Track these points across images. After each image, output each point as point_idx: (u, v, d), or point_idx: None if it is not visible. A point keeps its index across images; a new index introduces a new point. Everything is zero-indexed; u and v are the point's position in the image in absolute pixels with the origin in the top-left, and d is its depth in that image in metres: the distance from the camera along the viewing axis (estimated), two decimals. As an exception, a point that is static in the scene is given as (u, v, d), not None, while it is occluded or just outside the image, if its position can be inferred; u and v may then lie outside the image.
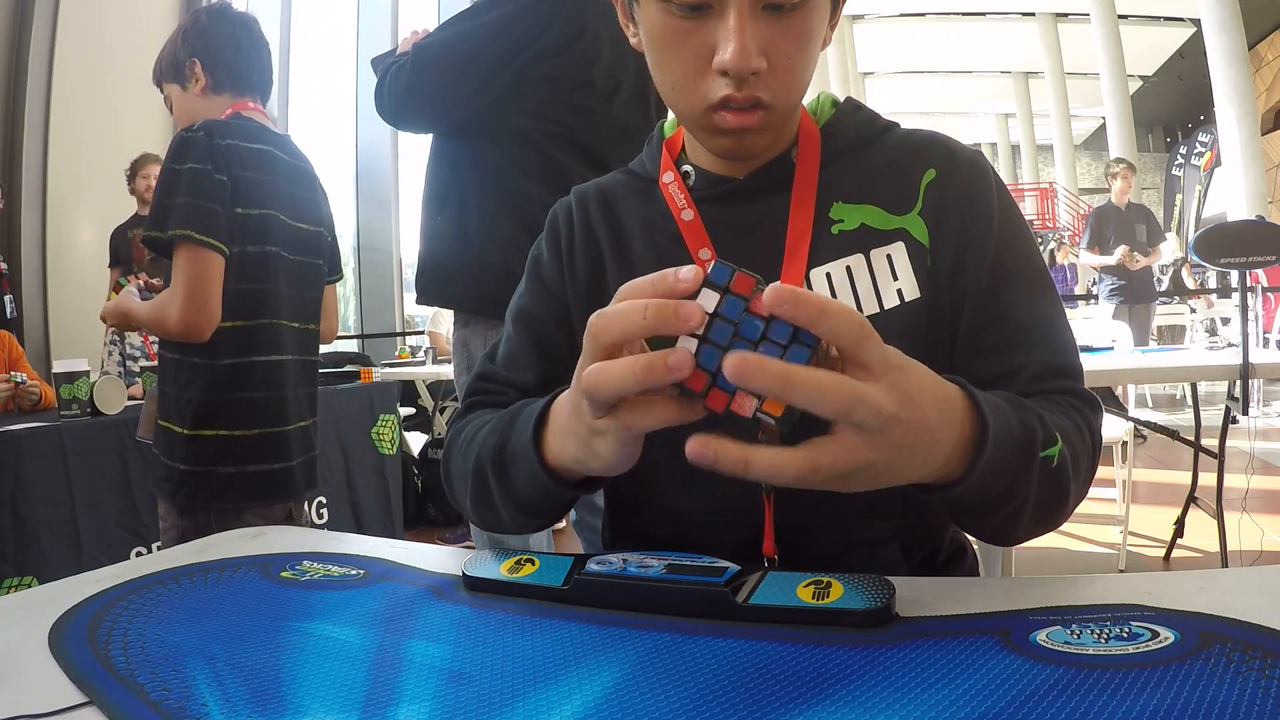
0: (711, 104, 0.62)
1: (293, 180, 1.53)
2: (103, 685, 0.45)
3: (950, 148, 0.71)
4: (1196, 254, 2.58)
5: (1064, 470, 0.56)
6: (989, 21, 14.82)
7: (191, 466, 1.41)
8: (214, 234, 1.34)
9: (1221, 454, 2.50)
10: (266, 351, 1.45)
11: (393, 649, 0.49)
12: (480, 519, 0.69)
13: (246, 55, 1.51)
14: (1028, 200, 15.85)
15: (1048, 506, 0.57)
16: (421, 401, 4.43)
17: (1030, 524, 0.58)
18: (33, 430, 2.02)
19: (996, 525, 0.58)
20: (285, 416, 1.49)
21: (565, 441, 0.54)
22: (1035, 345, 0.65)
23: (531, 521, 0.65)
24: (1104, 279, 4.97)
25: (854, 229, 0.68)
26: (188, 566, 0.67)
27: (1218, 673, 0.39)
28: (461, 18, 1.60)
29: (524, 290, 0.79)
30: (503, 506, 0.64)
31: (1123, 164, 5.05)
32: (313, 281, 1.60)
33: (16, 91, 4.81)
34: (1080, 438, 0.59)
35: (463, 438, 0.69)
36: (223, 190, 1.36)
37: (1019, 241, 0.68)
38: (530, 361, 0.74)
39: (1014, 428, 0.52)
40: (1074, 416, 0.61)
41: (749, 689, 0.41)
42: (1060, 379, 0.64)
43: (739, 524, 0.65)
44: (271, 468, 1.46)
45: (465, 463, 0.67)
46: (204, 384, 1.41)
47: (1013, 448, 0.51)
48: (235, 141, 1.40)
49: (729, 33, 0.58)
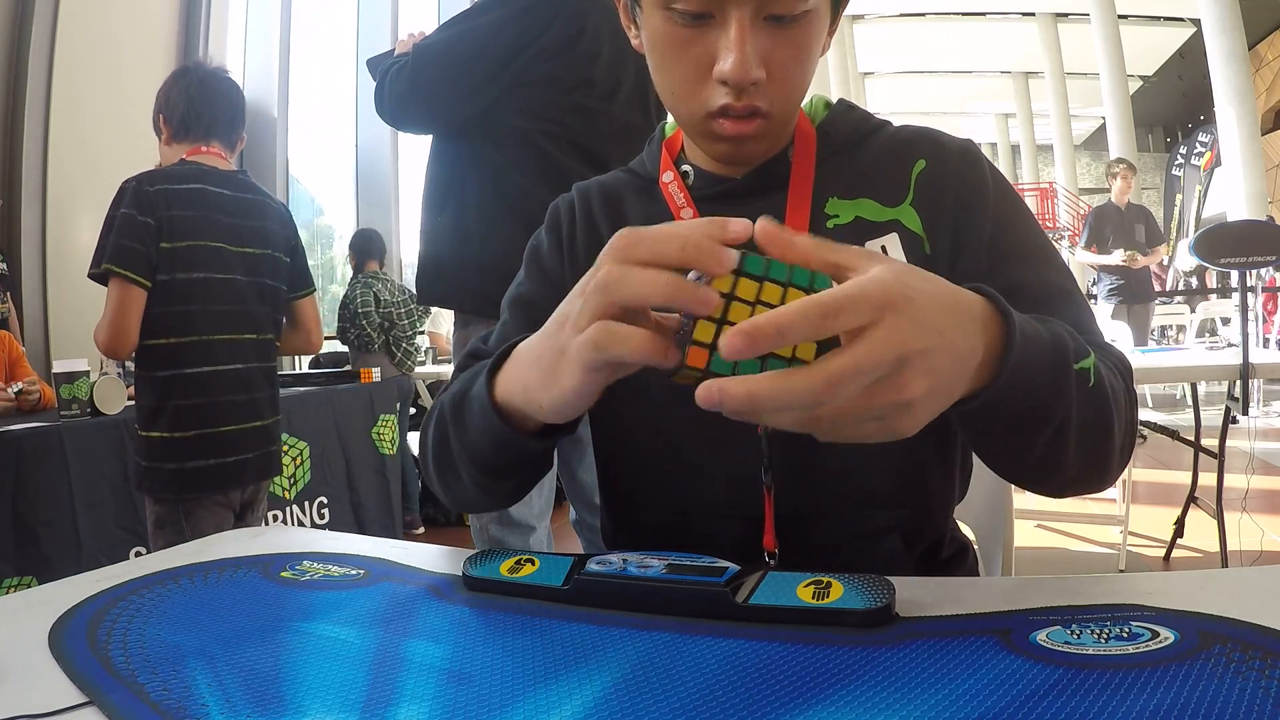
0: (711, 111, 0.63)
1: (235, 212, 1.75)
2: (103, 685, 0.45)
3: (939, 139, 0.72)
4: (1196, 254, 2.58)
5: (1103, 392, 0.53)
6: (989, 21, 14.82)
7: (148, 462, 1.68)
8: (136, 269, 1.60)
9: (1221, 454, 2.50)
10: (195, 364, 1.69)
11: (393, 649, 0.49)
12: (442, 485, 0.68)
13: (198, 107, 1.75)
14: (1028, 200, 15.81)
15: (1093, 437, 0.54)
16: (421, 401, 4.43)
17: (1079, 457, 0.54)
18: (33, 430, 2.02)
19: (1041, 454, 0.53)
20: (223, 419, 1.71)
21: (523, 371, 0.52)
22: (1049, 312, 0.62)
23: (491, 484, 0.63)
24: (1102, 279, 4.98)
25: (849, 223, 0.68)
26: (188, 566, 0.67)
27: (1218, 673, 0.39)
28: (461, 19, 1.60)
29: (522, 279, 0.79)
30: (460, 463, 0.62)
31: (1123, 164, 5.06)
32: (270, 298, 1.83)
33: (16, 91, 4.81)
34: (1114, 377, 0.57)
35: (436, 407, 0.68)
36: (146, 231, 1.61)
37: (1018, 219, 0.69)
38: None
39: (1041, 334, 0.50)
40: (1104, 358, 0.58)
41: (749, 689, 0.41)
42: (1084, 337, 0.63)
43: (739, 517, 0.65)
44: (209, 463, 1.69)
45: (433, 428, 0.66)
46: (148, 392, 1.69)
47: (1043, 353, 0.49)
48: (166, 186, 1.65)
49: (730, 43, 0.59)
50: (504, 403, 0.55)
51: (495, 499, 0.67)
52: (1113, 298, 4.87)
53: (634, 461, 0.73)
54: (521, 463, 0.61)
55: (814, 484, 0.64)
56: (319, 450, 2.80)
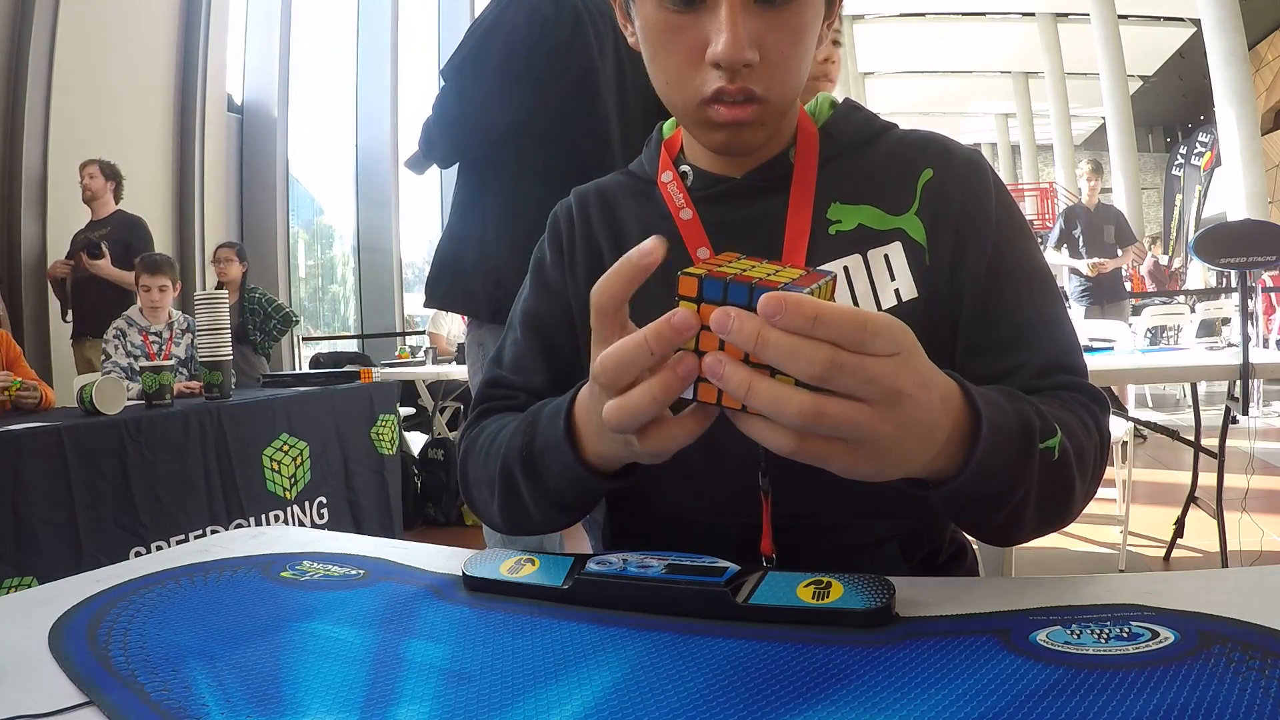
0: (705, 97, 0.62)
1: None
2: (103, 685, 0.45)
3: (948, 147, 0.71)
4: (1197, 254, 2.58)
5: (1066, 464, 0.55)
6: (989, 21, 14.82)
7: None
8: None
9: (1221, 454, 2.49)
10: None
11: (392, 649, 0.49)
12: (508, 522, 0.68)
13: None
14: (1028, 200, 15.84)
15: (1052, 502, 0.56)
16: (421, 401, 4.43)
17: (1035, 522, 0.57)
18: (33, 430, 2.02)
19: (1000, 524, 0.56)
20: None
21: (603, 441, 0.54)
22: (1036, 342, 0.64)
23: (563, 517, 0.65)
24: (1072, 279, 4.99)
25: (851, 229, 0.68)
26: (188, 566, 0.67)
27: (1218, 673, 0.39)
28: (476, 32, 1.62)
29: (528, 292, 0.79)
30: (533, 505, 0.63)
31: (1089, 165, 5.07)
32: None
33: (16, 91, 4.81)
34: (1085, 432, 0.59)
35: (480, 444, 0.69)
36: None
37: (1018, 239, 0.68)
38: (538, 365, 0.74)
39: (1009, 419, 0.51)
40: (1078, 412, 0.60)
41: (749, 689, 0.41)
42: (1063, 375, 0.63)
43: (738, 524, 0.65)
44: None
45: (488, 468, 0.66)
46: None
47: (1009, 439, 0.51)
48: None
49: (721, 25, 0.59)
50: (594, 460, 0.56)
51: (564, 525, 0.68)
52: (1084, 299, 4.88)
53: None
54: (600, 494, 0.62)
55: (812, 492, 0.63)
56: (318, 450, 2.80)
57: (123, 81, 5.23)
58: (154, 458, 2.25)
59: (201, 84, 5.93)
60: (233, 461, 2.48)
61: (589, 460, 0.56)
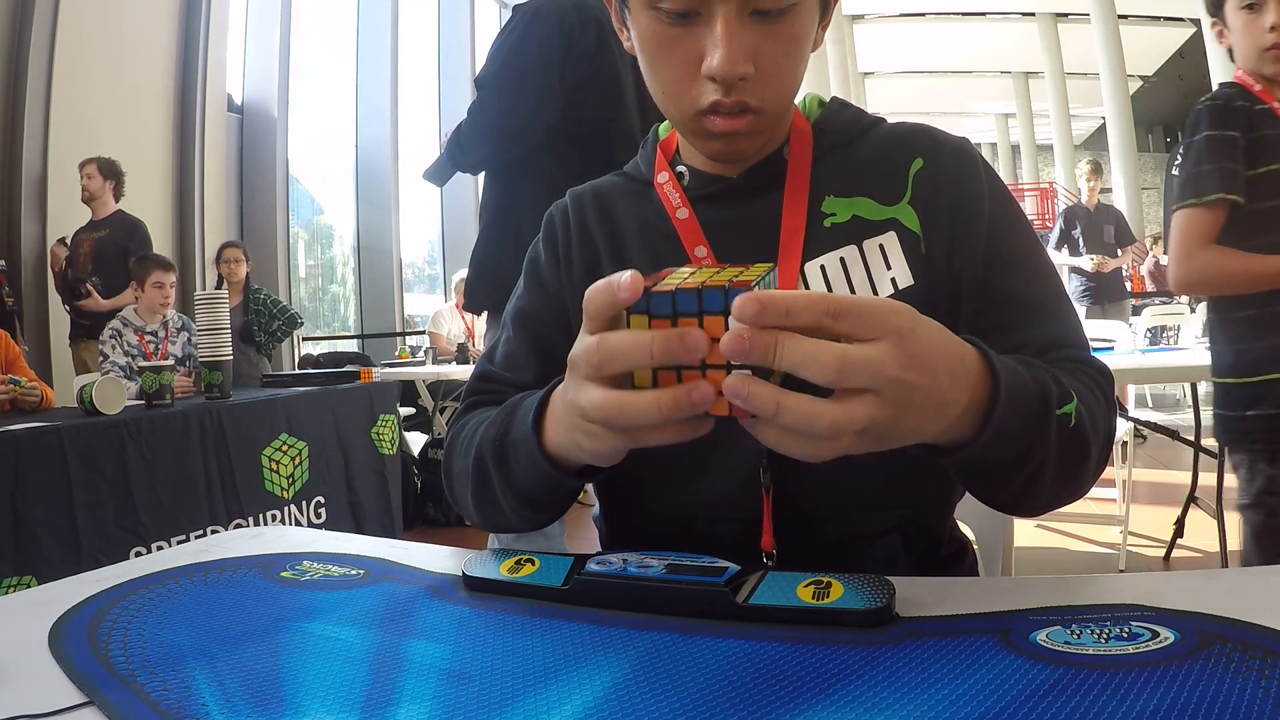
0: (701, 109, 0.63)
1: None
2: (103, 685, 0.45)
3: (935, 137, 0.72)
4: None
5: (1082, 429, 0.55)
6: (989, 21, 14.81)
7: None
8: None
9: (1221, 454, 2.49)
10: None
11: (392, 649, 0.49)
12: (481, 515, 0.69)
13: None
14: (1028, 200, 15.83)
15: (1069, 468, 0.56)
16: (421, 401, 4.43)
17: (1053, 488, 0.57)
18: (33, 430, 2.02)
19: (1018, 490, 0.56)
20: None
21: (559, 429, 0.55)
22: (1037, 321, 0.65)
23: (533, 515, 0.66)
24: (1073, 279, 5.00)
25: (846, 221, 0.68)
26: (188, 566, 0.67)
27: (1218, 673, 0.39)
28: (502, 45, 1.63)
29: (522, 291, 0.79)
30: (503, 498, 0.64)
31: (1089, 165, 5.08)
32: None
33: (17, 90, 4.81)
34: (1095, 400, 0.59)
35: (463, 435, 0.69)
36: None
37: (1012, 223, 0.69)
38: (529, 361, 0.75)
39: (1027, 385, 0.52)
40: (1085, 381, 0.61)
41: (749, 689, 0.41)
42: (1066, 349, 0.64)
43: (738, 519, 0.65)
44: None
45: (465, 459, 0.67)
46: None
47: (1028, 405, 0.51)
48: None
49: (716, 40, 0.59)
50: (555, 453, 0.57)
51: (534, 524, 0.69)
52: (1085, 299, 4.88)
53: (633, 462, 0.73)
54: (566, 494, 0.64)
55: (813, 484, 0.63)
56: (318, 450, 2.80)
57: (122, 81, 5.23)
58: (154, 458, 2.26)
59: (201, 84, 5.93)
60: (233, 461, 2.49)
61: (549, 452, 0.57)
